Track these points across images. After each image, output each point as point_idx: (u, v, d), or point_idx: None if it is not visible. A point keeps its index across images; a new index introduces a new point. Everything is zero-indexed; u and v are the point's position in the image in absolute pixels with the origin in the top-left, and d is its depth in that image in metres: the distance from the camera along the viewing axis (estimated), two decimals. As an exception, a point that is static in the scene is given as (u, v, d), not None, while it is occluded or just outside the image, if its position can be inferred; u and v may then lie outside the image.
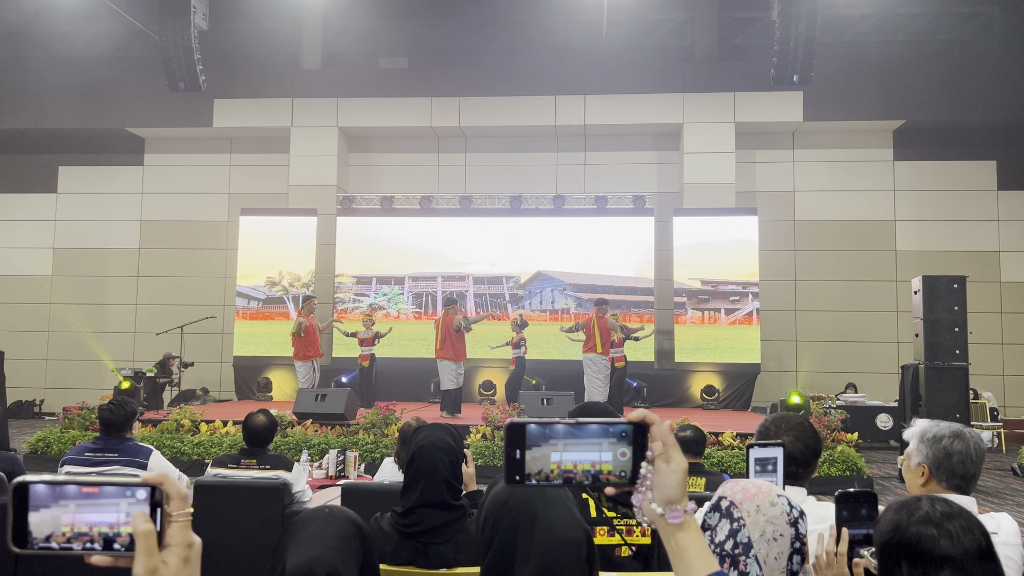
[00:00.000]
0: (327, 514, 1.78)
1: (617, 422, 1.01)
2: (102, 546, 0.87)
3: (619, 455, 1.01)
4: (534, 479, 1.00)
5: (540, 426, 1.00)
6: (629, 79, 13.95)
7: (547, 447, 1.00)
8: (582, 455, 1.00)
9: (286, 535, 1.74)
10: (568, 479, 1.00)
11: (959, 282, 9.20)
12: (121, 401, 4.30)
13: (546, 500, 1.60)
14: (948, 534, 1.25)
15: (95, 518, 0.87)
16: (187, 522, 0.89)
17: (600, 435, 1.01)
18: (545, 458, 1.00)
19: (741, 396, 13.03)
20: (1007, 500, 7.96)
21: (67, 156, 15.43)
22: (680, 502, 1.03)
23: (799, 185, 14.33)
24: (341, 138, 14.59)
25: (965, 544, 1.24)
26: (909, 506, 1.31)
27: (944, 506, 1.30)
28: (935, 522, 1.27)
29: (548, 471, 1.00)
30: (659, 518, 1.03)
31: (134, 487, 0.87)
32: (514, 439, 1.00)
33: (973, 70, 13.54)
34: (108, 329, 14.99)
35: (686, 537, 1.04)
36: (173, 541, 0.88)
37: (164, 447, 8.33)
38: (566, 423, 1.01)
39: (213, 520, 3.97)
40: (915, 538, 1.26)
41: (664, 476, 1.02)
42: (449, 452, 2.40)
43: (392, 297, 14.07)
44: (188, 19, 11.49)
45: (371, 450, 8.44)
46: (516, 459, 1.00)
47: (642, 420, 1.02)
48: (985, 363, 13.06)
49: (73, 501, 0.87)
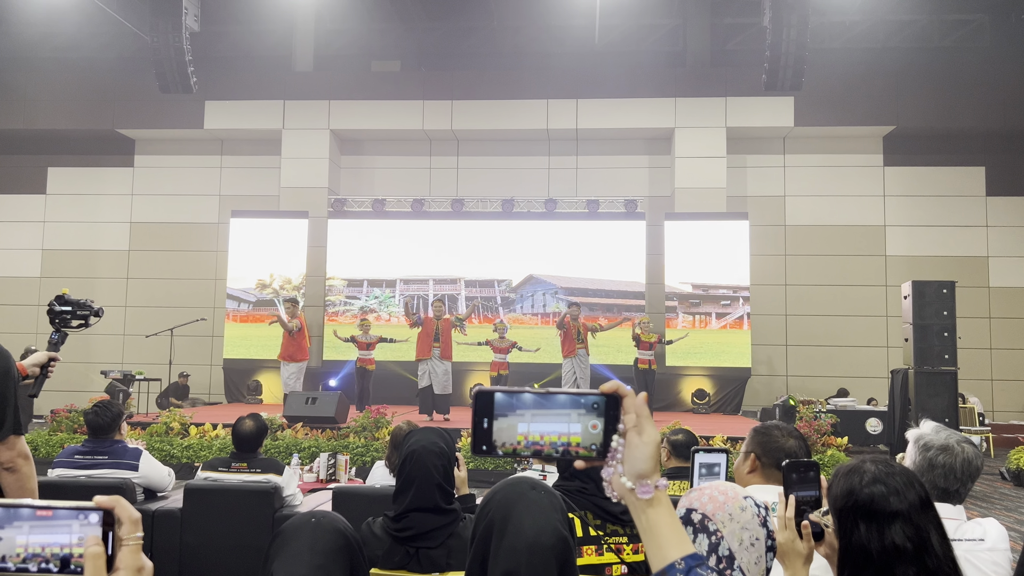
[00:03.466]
0: (314, 525, 1.77)
1: (588, 393, 0.98)
2: (58, 568, 0.88)
3: (589, 427, 0.98)
4: (500, 451, 0.97)
5: (508, 395, 0.97)
6: (621, 83, 13.98)
7: (514, 417, 0.97)
8: (550, 426, 0.97)
9: (273, 546, 1.73)
10: (536, 451, 0.97)
11: (948, 287, 9.27)
12: (107, 403, 4.30)
13: (526, 503, 1.55)
14: (895, 491, 1.39)
15: (48, 539, 0.88)
16: (138, 546, 0.90)
17: (569, 406, 0.98)
18: (512, 429, 0.97)
19: (732, 400, 13.07)
20: (995, 504, 8.01)
21: (57, 157, 15.35)
22: (651, 476, 1.00)
23: (790, 190, 14.39)
24: (333, 140, 14.57)
25: (910, 498, 1.38)
26: (858, 470, 1.44)
27: (885, 465, 1.44)
28: (882, 480, 1.40)
29: (514, 442, 0.97)
30: (629, 492, 1.00)
31: (87, 510, 0.89)
32: (482, 408, 0.98)
33: (962, 77, 13.64)
34: (97, 331, 14.89)
35: (657, 514, 1.00)
36: (123, 565, 0.88)
37: (153, 450, 8.28)
38: (535, 392, 0.98)
39: (203, 523, 3.96)
40: (868, 498, 1.39)
41: (636, 449, 0.99)
42: (441, 456, 2.39)
43: (383, 300, 14.05)
44: (179, 20, 11.45)
45: (362, 454, 8.42)
46: (484, 429, 0.97)
47: (615, 391, 0.99)
48: (974, 368, 13.13)
49: (27, 523, 0.88)
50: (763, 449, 2.26)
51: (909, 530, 1.36)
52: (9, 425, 2.33)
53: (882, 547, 1.35)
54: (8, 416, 2.34)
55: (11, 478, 2.33)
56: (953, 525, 2.09)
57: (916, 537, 1.35)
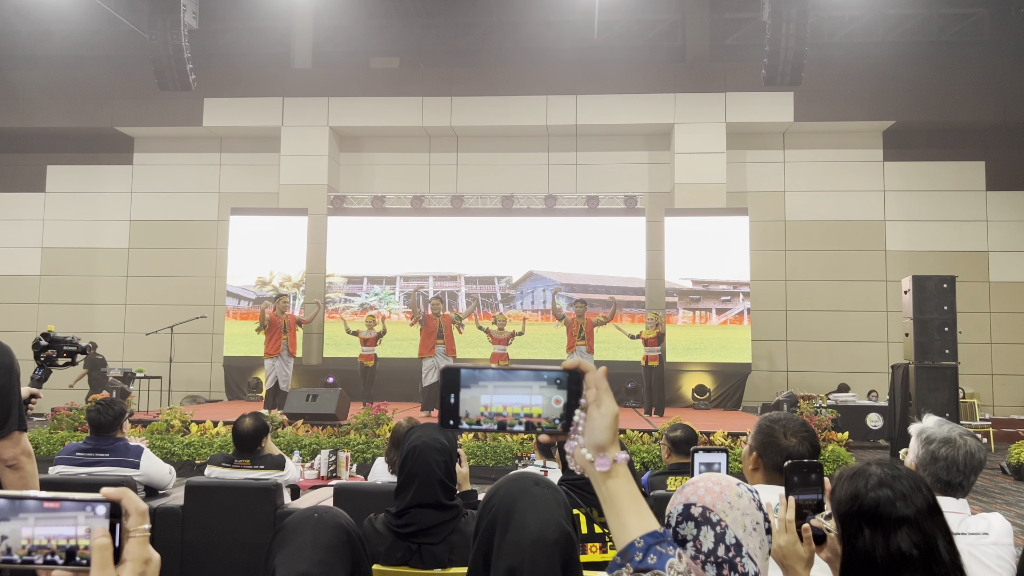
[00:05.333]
0: (317, 520, 1.76)
1: (551, 369, 1.02)
2: (64, 560, 0.88)
3: (552, 402, 1.01)
4: (464, 423, 1.01)
5: (473, 370, 1.02)
6: (620, 79, 13.96)
7: (477, 389, 1.01)
8: (512, 398, 1.01)
9: (275, 541, 1.72)
10: (500, 423, 1.01)
11: (949, 282, 9.27)
12: (109, 401, 4.29)
13: (529, 498, 1.55)
14: (902, 495, 1.35)
15: (54, 531, 0.88)
16: (145, 538, 0.89)
17: (531, 379, 1.01)
18: (475, 400, 1.01)
19: (732, 396, 13.07)
20: (996, 499, 8.01)
21: (56, 155, 15.33)
22: (609, 449, 1.02)
23: (790, 185, 14.38)
24: (332, 137, 14.55)
25: (917, 503, 1.35)
26: (864, 473, 1.40)
27: (892, 468, 1.40)
28: (888, 484, 1.36)
29: (478, 414, 1.00)
30: (588, 464, 1.02)
31: (94, 502, 0.88)
32: (448, 384, 1.02)
33: (962, 71, 13.62)
34: (97, 329, 14.89)
35: (616, 485, 1.03)
36: (130, 556, 0.88)
37: (154, 448, 8.27)
38: (499, 368, 1.02)
39: (205, 521, 3.95)
40: (874, 503, 1.36)
41: (594, 421, 1.01)
42: (443, 452, 2.39)
43: (383, 297, 14.04)
44: (178, 18, 11.42)
45: (362, 450, 8.42)
46: (451, 403, 1.01)
47: (576, 367, 1.02)
48: (974, 362, 13.14)
49: (33, 514, 0.88)
50: (763, 447, 2.22)
51: (916, 536, 1.32)
52: (13, 420, 2.32)
53: (887, 553, 1.32)
54: (12, 412, 2.32)
55: (14, 476, 2.32)
56: (957, 519, 2.09)
57: (923, 543, 1.32)
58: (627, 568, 1.02)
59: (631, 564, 1.02)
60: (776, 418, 2.26)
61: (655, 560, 1.02)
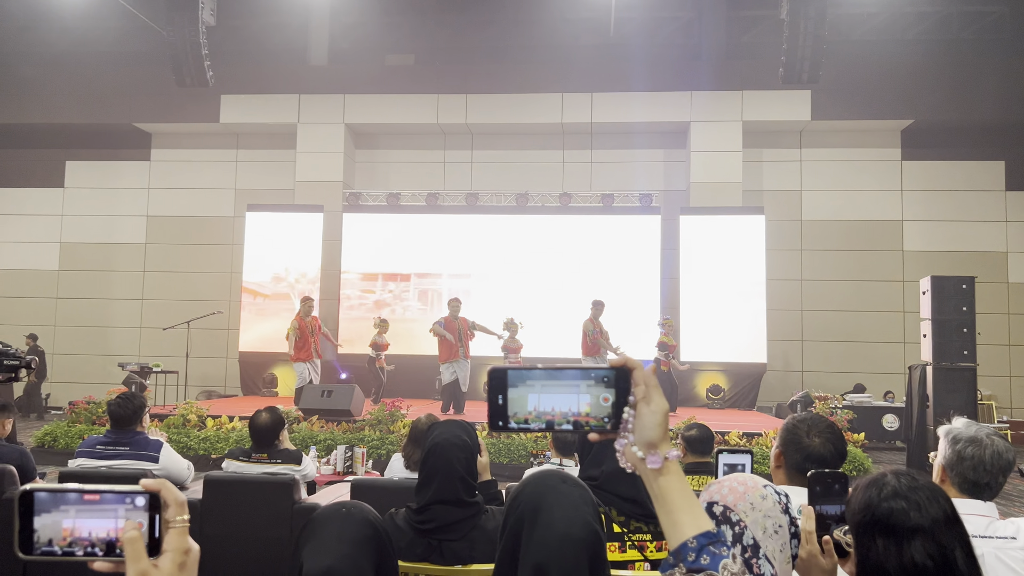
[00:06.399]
0: (344, 514, 1.77)
1: (597, 367, 1.01)
2: (104, 552, 0.89)
3: (601, 400, 1.01)
4: (513, 423, 1.01)
5: (519, 371, 1.02)
6: (636, 77, 13.90)
7: (524, 389, 1.01)
8: (560, 398, 1.01)
9: (304, 534, 1.73)
10: (549, 423, 1.01)
11: (968, 283, 9.18)
12: (130, 395, 4.31)
13: (556, 495, 1.54)
14: (916, 505, 1.31)
15: (94, 524, 0.89)
16: (184, 528, 0.91)
17: (579, 378, 1.01)
18: (523, 401, 1.01)
19: (747, 395, 13.01)
20: (1014, 502, 7.94)
21: (74, 151, 15.46)
22: (660, 446, 1.01)
23: (806, 184, 14.29)
24: (348, 134, 14.59)
25: (932, 513, 1.31)
26: (878, 483, 1.37)
27: (909, 479, 1.36)
28: (903, 495, 1.33)
29: (526, 415, 1.01)
30: (640, 462, 1.02)
31: (133, 494, 0.89)
32: (496, 385, 1.02)
33: (982, 70, 13.49)
34: (114, 324, 15.02)
35: (668, 482, 1.02)
36: (170, 547, 0.89)
37: (171, 442, 8.33)
38: (546, 368, 1.02)
39: (223, 514, 3.98)
40: (887, 513, 1.32)
41: (645, 418, 1.01)
42: (464, 449, 2.39)
43: (397, 294, 14.06)
44: (196, 15, 11.50)
45: (377, 446, 8.45)
46: (499, 405, 1.02)
47: (624, 364, 1.01)
48: (992, 364, 13.02)
49: (73, 507, 0.89)
50: (785, 446, 2.22)
51: (931, 547, 1.28)
52: None
53: (900, 564, 1.28)
54: None
55: None
56: (984, 523, 2.07)
57: (939, 554, 1.28)
58: (680, 568, 1.01)
59: (684, 564, 1.01)
60: (802, 417, 2.26)
61: (708, 561, 1.01)
